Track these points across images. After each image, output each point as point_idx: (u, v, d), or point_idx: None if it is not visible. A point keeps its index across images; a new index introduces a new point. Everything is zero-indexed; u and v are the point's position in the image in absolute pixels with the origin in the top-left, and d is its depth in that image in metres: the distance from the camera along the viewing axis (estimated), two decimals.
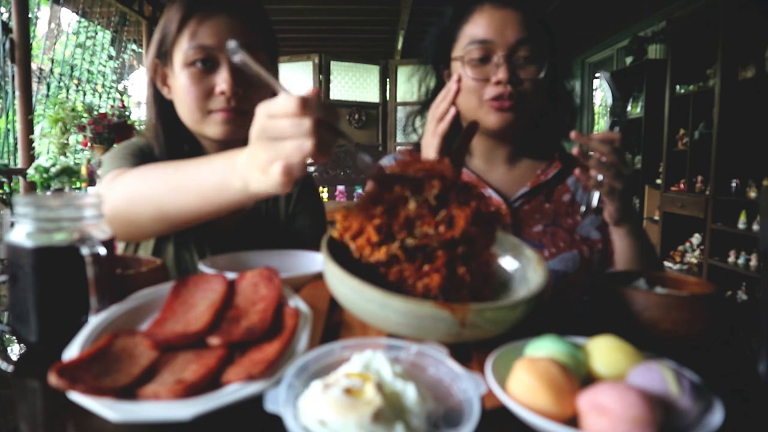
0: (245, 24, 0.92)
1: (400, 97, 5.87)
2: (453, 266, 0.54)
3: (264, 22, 0.96)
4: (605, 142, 0.82)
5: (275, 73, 1.00)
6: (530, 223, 1.00)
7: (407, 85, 1.18)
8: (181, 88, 0.90)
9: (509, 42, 0.93)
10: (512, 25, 0.93)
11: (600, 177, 0.82)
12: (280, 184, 0.54)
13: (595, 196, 0.86)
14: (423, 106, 1.14)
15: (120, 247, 1.00)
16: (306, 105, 0.52)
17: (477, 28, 0.96)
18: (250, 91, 0.92)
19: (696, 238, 4.18)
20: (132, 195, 0.73)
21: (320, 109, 0.52)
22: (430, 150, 0.89)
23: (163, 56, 0.93)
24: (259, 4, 0.96)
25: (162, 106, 0.97)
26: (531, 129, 1.04)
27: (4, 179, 3.39)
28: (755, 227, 3.40)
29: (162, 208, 0.70)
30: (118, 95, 5.69)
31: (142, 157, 0.93)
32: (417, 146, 1.14)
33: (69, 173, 3.22)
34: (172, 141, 0.97)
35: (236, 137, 0.92)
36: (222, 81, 0.89)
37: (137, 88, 6.51)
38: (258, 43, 0.93)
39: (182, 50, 0.89)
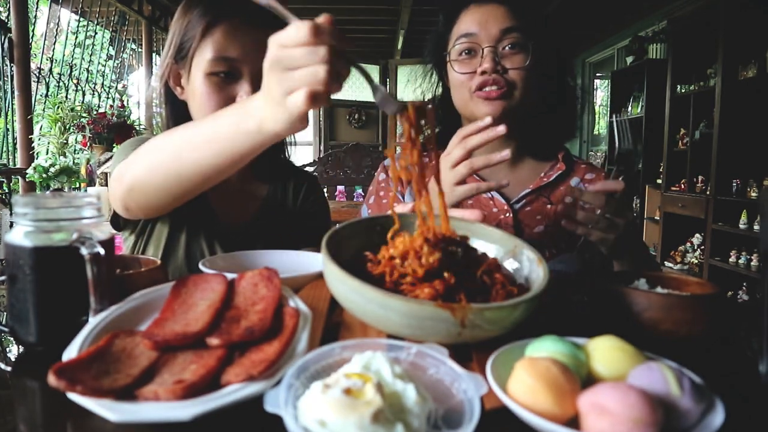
0: (269, 36, 0.91)
1: (400, 97, 5.87)
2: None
3: None
4: (605, 192, 0.81)
5: None
6: (532, 224, 1.00)
7: (407, 85, 1.19)
8: (201, 95, 0.90)
9: (493, 34, 0.94)
10: (495, 18, 0.95)
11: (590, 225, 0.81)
12: (297, 114, 0.53)
13: (579, 243, 0.85)
14: None
15: (130, 242, 1.00)
16: (319, 32, 0.51)
17: (463, 25, 0.98)
18: None
19: (697, 239, 4.17)
20: (149, 158, 0.73)
21: (333, 36, 0.52)
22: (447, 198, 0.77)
23: (180, 59, 0.93)
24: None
25: (174, 106, 0.98)
26: (534, 129, 1.04)
27: (4, 179, 3.40)
28: (756, 227, 3.40)
29: (178, 166, 0.69)
30: (117, 95, 5.69)
31: None
32: (422, 146, 1.14)
33: (68, 173, 3.22)
34: None
35: None
36: (244, 93, 0.89)
37: (137, 87, 6.51)
38: None
39: (204, 58, 0.89)
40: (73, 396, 0.40)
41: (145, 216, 0.90)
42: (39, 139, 3.49)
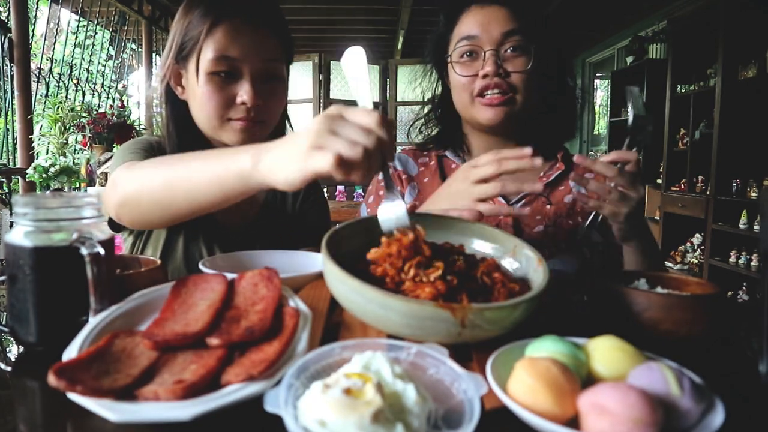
0: (269, 36, 0.93)
1: (400, 97, 5.87)
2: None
3: (285, 32, 0.97)
4: (617, 162, 0.79)
5: (287, 76, 1.01)
6: (531, 224, 1.00)
7: (408, 85, 1.20)
8: (202, 94, 0.90)
9: (494, 36, 0.94)
10: (497, 20, 0.95)
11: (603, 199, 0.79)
12: (308, 171, 0.54)
13: (590, 218, 0.84)
14: (429, 112, 1.15)
15: (128, 243, 1.01)
16: (383, 124, 0.53)
17: (465, 27, 0.98)
18: (269, 102, 0.93)
19: (697, 239, 4.18)
20: (144, 180, 0.74)
21: (388, 135, 0.54)
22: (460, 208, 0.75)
23: (182, 59, 0.93)
24: (281, 15, 0.97)
25: (174, 106, 0.98)
26: (534, 129, 1.04)
27: (4, 179, 3.39)
28: (756, 227, 3.40)
29: (168, 194, 0.71)
30: (117, 95, 5.68)
31: (153, 153, 0.94)
32: (421, 146, 1.15)
33: (68, 173, 3.22)
34: (184, 140, 0.97)
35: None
36: (244, 92, 0.90)
37: (137, 87, 6.50)
38: (279, 55, 0.94)
39: (205, 58, 0.89)
40: (73, 396, 0.40)
41: (137, 229, 0.91)
42: (39, 139, 3.49)
